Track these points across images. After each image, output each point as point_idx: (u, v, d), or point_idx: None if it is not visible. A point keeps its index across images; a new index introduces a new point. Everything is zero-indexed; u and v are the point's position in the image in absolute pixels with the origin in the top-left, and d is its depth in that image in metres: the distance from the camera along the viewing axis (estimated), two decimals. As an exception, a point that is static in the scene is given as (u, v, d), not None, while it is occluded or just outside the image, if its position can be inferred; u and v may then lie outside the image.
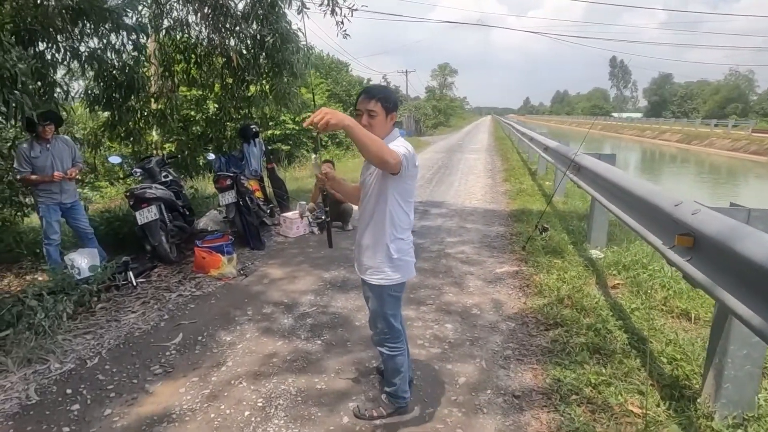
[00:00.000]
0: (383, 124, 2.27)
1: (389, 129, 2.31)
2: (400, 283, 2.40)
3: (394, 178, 2.22)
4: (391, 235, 2.33)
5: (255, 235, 5.87)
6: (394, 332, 2.47)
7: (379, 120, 2.25)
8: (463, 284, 4.57)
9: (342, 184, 2.59)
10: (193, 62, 7.30)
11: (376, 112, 2.23)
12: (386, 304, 2.42)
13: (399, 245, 2.35)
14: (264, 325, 3.73)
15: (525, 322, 3.71)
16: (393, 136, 2.32)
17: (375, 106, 2.23)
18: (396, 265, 2.35)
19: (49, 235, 4.79)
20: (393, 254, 2.32)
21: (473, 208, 8.16)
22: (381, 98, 2.24)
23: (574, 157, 5.51)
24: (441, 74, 70.78)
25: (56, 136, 4.84)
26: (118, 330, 3.67)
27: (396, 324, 2.47)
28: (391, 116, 2.29)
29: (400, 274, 2.37)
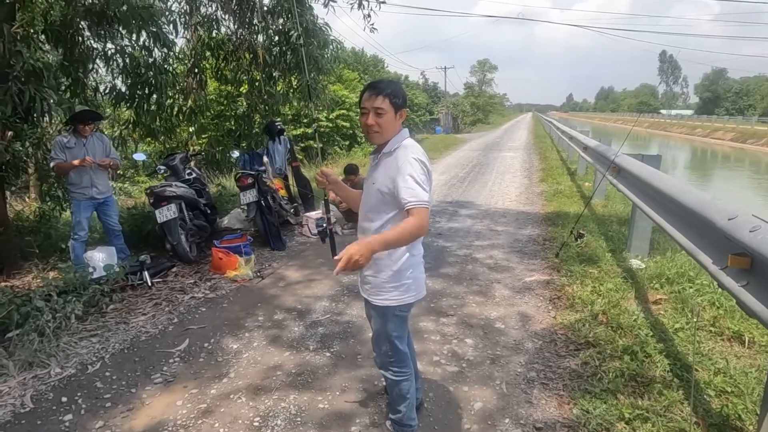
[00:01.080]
0: (392, 123, 2.03)
1: (398, 128, 2.07)
2: (409, 303, 2.14)
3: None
4: (401, 252, 2.06)
5: (276, 235, 5.73)
6: (400, 355, 2.21)
7: (388, 119, 2.01)
8: (488, 294, 4.27)
9: (345, 188, 2.34)
10: (221, 58, 7.25)
11: (384, 109, 1.99)
12: (391, 325, 2.15)
13: (408, 262, 2.08)
14: (273, 333, 3.56)
15: (553, 340, 3.38)
16: (402, 136, 2.07)
17: (383, 103, 1.98)
18: (403, 284, 2.09)
19: (76, 231, 4.80)
20: (400, 272, 2.06)
21: (506, 210, 7.78)
22: (389, 94, 1.99)
23: (614, 158, 5.09)
24: (480, 70, 69.45)
25: (92, 133, 4.88)
26: (126, 333, 3.57)
27: (401, 347, 2.20)
28: (400, 113, 2.04)
29: (407, 294, 2.10)
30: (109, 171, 5.06)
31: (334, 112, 17.67)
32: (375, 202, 2.07)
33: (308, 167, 14.00)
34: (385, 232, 1.88)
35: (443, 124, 38.71)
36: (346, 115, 19.10)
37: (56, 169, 4.79)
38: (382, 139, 2.05)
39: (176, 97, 6.98)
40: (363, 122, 2.05)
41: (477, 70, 69.27)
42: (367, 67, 31.49)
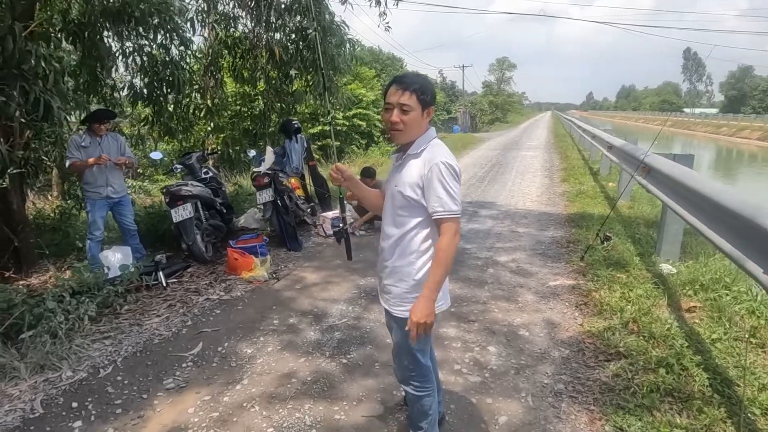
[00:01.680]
0: (419, 122, 1.87)
1: (425, 127, 1.91)
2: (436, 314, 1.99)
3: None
4: (422, 260, 1.93)
5: (292, 235, 5.63)
6: (422, 369, 2.06)
7: (414, 117, 1.85)
8: (511, 298, 4.11)
9: (361, 186, 2.15)
10: (238, 57, 7.19)
11: (411, 106, 1.84)
12: (404, 339, 1.99)
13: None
14: (288, 338, 3.45)
15: (581, 350, 3.21)
16: (428, 136, 1.92)
17: (410, 100, 1.84)
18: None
19: (92, 231, 4.78)
20: (422, 281, 1.91)
21: (527, 211, 7.58)
22: (417, 89, 1.84)
23: (643, 158, 4.87)
24: (499, 69, 68.74)
25: (107, 132, 4.86)
26: (139, 336, 3.50)
27: (423, 360, 2.05)
28: (428, 111, 1.89)
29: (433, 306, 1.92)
30: (124, 170, 5.02)
31: (351, 111, 17.57)
32: (399, 207, 1.93)
33: (325, 166, 13.94)
34: (430, 277, 1.84)
35: (461, 123, 38.38)
36: (363, 114, 19.00)
37: (72, 167, 4.77)
38: (406, 138, 1.91)
39: (193, 95, 6.94)
40: (386, 119, 1.90)
41: (496, 69, 68.63)
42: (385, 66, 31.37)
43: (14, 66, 3.76)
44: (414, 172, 1.87)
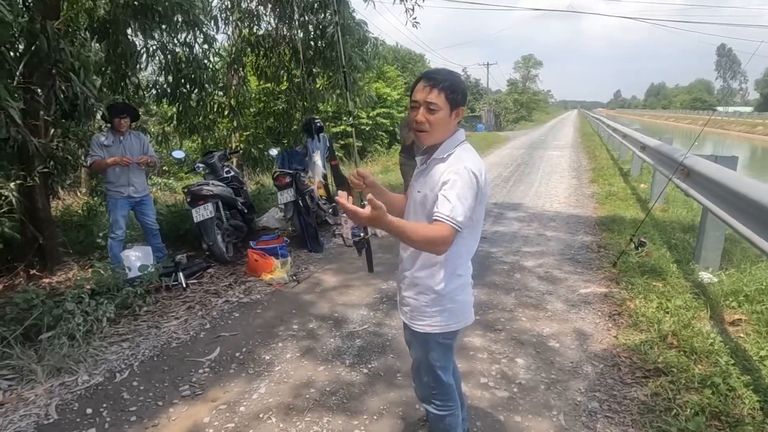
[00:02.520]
0: (445, 123, 1.72)
1: (453, 129, 1.76)
2: (456, 330, 1.87)
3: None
4: (445, 272, 1.78)
5: (313, 236, 5.54)
6: (443, 387, 1.93)
7: (441, 117, 1.70)
8: (539, 306, 3.92)
9: (384, 191, 1.95)
10: (261, 55, 7.14)
11: (439, 105, 1.68)
12: (434, 354, 1.88)
13: (453, 283, 1.80)
14: (307, 345, 3.34)
15: (616, 364, 3.02)
16: (456, 139, 1.77)
17: (438, 98, 1.68)
18: (448, 309, 1.81)
19: (113, 230, 4.76)
20: (445, 295, 1.79)
21: (555, 213, 7.34)
22: (446, 87, 1.68)
23: (682, 160, 4.61)
24: (524, 66, 67.76)
25: (130, 130, 4.83)
26: (157, 339, 3.43)
27: (445, 378, 1.92)
28: (457, 111, 1.73)
29: (452, 320, 1.83)
30: (146, 169, 4.99)
31: (375, 110, 17.45)
32: (420, 213, 1.79)
33: (348, 165, 13.86)
34: (401, 223, 1.61)
35: (485, 122, 37.89)
36: (387, 113, 18.86)
37: (94, 166, 4.76)
38: (432, 140, 1.77)
39: (216, 93, 6.91)
40: (412, 117, 1.76)
41: (521, 66, 67.72)
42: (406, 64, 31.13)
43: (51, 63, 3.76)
44: (438, 177, 1.71)
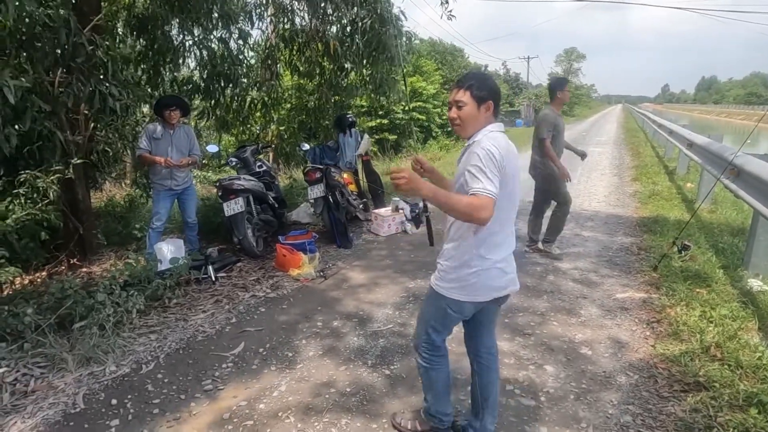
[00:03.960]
0: (473, 116, 1.97)
1: (483, 121, 1.99)
2: (457, 301, 2.04)
3: None
4: (475, 253, 1.99)
5: (342, 232, 5.51)
6: (431, 344, 2.18)
7: (468, 111, 1.97)
8: (573, 311, 3.76)
9: (441, 176, 2.23)
10: (295, 50, 7.14)
11: (465, 102, 1.97)
12: (433, 311, 2.13)
13: (474, 261, 1.98)
14: (329, 343, 3.31)
15: (653, 376, 2.85)
16: (486, 129, 1.98)
17: (464, 96, 1.97)
18: (461, 280, 2.01)
19: (153, 221, 4.87)
20: (461, 267, 2.01)
21: (594, 212, 7.06)
22: (471, 86, 1.96)
23: (732, 159, 4.32)
24: (567, 59, 65.97)
25: (180, 125, 4.90)
26: (183, 332, 3.48)
27: (436, 338, 2.16)
28: (485, 106, 1.97)
29: (461, 292, 2.02)
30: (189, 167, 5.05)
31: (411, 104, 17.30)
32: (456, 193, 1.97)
33: (381, 160, 13.80)
34: (449, 193, 1.86)
35: (524, 117, 37.06)
36: (423, 108, 18.66)
37: (140, 159, 4.89)
38: (464, 132, 2.03)
39: (250, 89, 6.97)
40: (449, 116, 2.07)
41: (563, 59, 65.93)
42: (444, 57, 30.71)
43: (69, 58, 3.84)
44: (466, 159, 1.94)
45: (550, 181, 4.90)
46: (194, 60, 6.16)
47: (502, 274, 2.02)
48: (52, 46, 4.00)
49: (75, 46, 3.81)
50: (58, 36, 3.84)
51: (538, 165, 4.91)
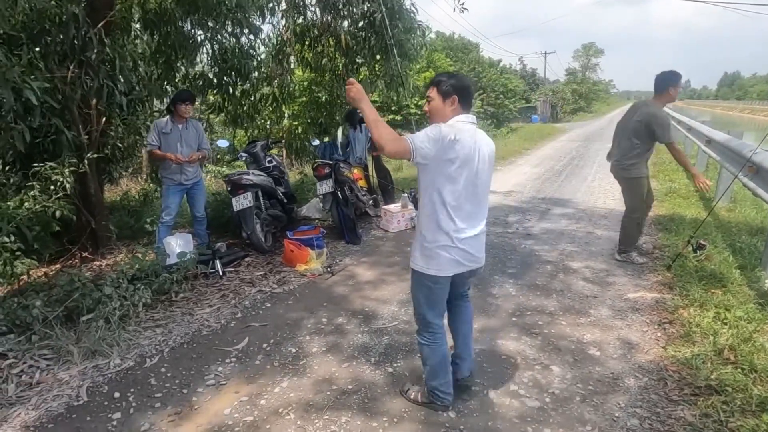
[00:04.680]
0: (441, 110, 2.26)
1: (450, 113, 2.25)
2: (433, 275, 2.29)
3: (421, 166, 2.19)
4: (430, 222, 2.27)
5: (351, 228, 5.48)
6: (425, 323, 2.42)
7: (435, 105, 2.28)
8: (582, 311, 3.69)
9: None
10: (306, 45, 7.12)
11: (432, 97, 2.28)
12: (417, 290, 2.39)
13: (437, 235, 2.25)
14: (333, 339, 3.29)
15: (663, 378, 2.77)
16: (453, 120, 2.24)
17: (431, 92, 2.29)
18: (427, 255, 2.29)
19: (163, 215, 4.90)
20: (427, 241, 2.28)
21: (608, 210, 6.94)
22: (437, 83, 2.28)
23: (751, 156, 4.19)
24: (584, 55, 64.95)
25: (190, 119, 4.91)
26: (189, 326, 3.49)
27: (430, 318, 2.40)
28: (450, 100, 2.24)
29: (431, 266, 2.29)
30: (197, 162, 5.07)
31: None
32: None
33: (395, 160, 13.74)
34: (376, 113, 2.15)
35: (540, 113, 36.58)
36: (437, 103, 18.52)
37: (150, 155, 4.92)
38: (433, 122, 2.27)
39: (261, 83, 6.97)
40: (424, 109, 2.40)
41: (581, 55, 64.98)
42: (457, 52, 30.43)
43: (79, 53, 3.87)
44: None
45: (632, 186, 4.57)
46: (206, 55, 6.17)
47: (461, 252, 2.27)
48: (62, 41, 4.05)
49: (84, 40, 3.83)
50: (67, 30, 3.87)
51: (623, 167, 4.52)
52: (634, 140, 4.36)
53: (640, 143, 4.35)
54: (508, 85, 26.76)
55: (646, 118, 4.29)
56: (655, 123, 4.22)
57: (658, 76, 4.34)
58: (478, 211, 2.30)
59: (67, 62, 4.08)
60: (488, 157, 2.27)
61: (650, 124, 4.24)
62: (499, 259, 4.86)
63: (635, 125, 4.36)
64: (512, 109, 26.02)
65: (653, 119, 4.22)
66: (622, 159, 4.49)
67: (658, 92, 4.33)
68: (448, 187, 2.17)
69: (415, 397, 2.57)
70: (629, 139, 4.39)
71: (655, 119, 4.21)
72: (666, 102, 4.36)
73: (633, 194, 4.61)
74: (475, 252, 2.32)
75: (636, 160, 4.40)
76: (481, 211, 2.33)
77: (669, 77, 4.29)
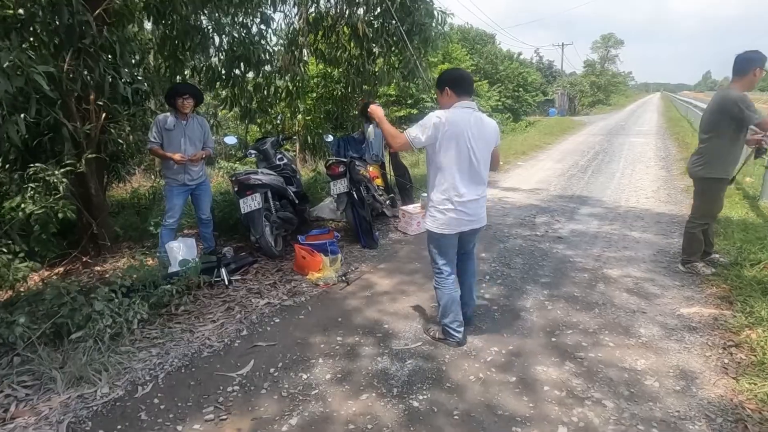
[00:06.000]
0: (442, 100, 2.86)
1: (448, 101, 2.82)
2: (431, 231, 2.92)
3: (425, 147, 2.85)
4: (433, 187, 2.89)
5: (367, 231, 5.09)
6: (437, 269, 3.00)
7: (439, 98, 2.91)
8: (630, 329, 3.25)
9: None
10: (320, 35, 6.72)
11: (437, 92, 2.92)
12: (430, 243, 3.00)
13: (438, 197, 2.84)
14: (348, 364, 2.90)
15: (741, 420, 2.33)
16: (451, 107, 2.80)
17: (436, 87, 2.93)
18: (432, 215, 2.89)
19: (166, 217, 4.56)
20: (432, 203, 2.89)
21: (643, 210, 6.45)
22: (436, 81, 2.93)
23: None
24: (603, 46, 63.43)
25: (194, 115, 4.57)
26: (188, 345, 3.12)
27: (439, 263, 2.97)
28: (444, 92, 2.83)
29: (435, 225, 2.88)
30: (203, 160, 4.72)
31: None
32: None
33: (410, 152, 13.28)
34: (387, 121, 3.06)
35: (558, 106, 35.78)
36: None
37: (151, 153, 4.58)
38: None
39: (274, 76, 6.59)
40: None
41: (599, 46, 63.51)
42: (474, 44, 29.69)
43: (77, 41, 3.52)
44: None
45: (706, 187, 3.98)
46: (213, 46, 5.80)
47: (460, 213, 2.83)
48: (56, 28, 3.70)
49: (81, 27, 3.48)
50: (60, 15, 3.52)
51: (699, 164, 3.93)
52: (713, 133, 3.81)
53: (720, 136, 3.78)
54: (528, 77, 26.04)
55: (725, 105, 3.71)
56: (740, 104, 3.59)
57: (739, 56, 3.70)
58: (475, 178, 2.83)
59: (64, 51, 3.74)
60: (486, 135, 2.81)
61: (731, 110, 3.65)
62: (530, 266, 4.43)
63: (714, 117, 3.82)
64: (531, 103, 25.34)
65: (734, 104, 3.62)
66: (699, 155, 3.94)
67: (739, 75, 3.72)
68: (444, 160, 2.76)
69: (434, 334, 3.12)
70: (709, 132, 3.84)
71: (740, 101, 3.60)
72: (748, 87, 3.72)
73: (706, 197, 4.02)
74: (475, 214, 2.88)
75: (714, 158, 3.83)
76: (478, 179, 2.85)
77: (753, 57, 3.66)
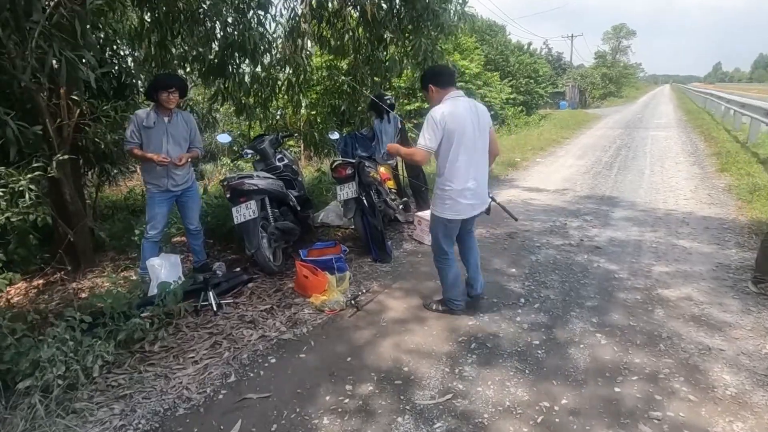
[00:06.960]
0: (430, 98, 3.12)
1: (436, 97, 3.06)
2: (441, 217, 3.13)
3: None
4: (439, 180, 3.11)
5: (379, 242, 4.46)
6: (441, 251, 3.24)
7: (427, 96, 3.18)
8: (709, 375, 2.61)
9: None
10: (325, 21, 6.07)
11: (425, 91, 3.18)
12: (435, 227, 3.22)
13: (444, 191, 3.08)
14: (361, 427, 2.27)
15: None
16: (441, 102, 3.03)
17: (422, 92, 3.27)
18: (439, 204, 3.14)
19: (148, 229, 3.95)
20: (438, 195, 3.14)
21: (685, 213, 5.77)
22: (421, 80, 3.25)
23: None
24: (615, 37, 62.13)
25: (178, 110, 3.95)
26: (160, 399, 2.51)
27: (443, 245, 3.21)
28: (429, 89, 3.10)
29: (440, 210, 3.13)
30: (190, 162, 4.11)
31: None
32: None
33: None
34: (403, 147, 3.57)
35: (569, 98, 34.87)
36: (465, 89, 17.28)
37: (129, 154, 3.96)
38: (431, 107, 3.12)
39: (273, 66, 5.96)
40: None
41: (610, 37, 62.22)
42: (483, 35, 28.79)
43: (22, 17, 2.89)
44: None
45: None
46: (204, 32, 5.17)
47: (464, 199, 3.05)
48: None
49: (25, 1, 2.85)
50: None
51: None
52: None
53: None
54: (540, 69, 25.23)
55: None
56: None
57: None
58: (481, 162, 3.10)
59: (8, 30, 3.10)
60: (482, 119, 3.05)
61: None
62: (570, 286, 3.79)
63: None
64: (543, 95, 24.54)
65: None
66: None
67: None
68: (452, 147, 2.96)
69: (436, 308, 3.36)
70: None
71: None
72: None
73: None
74: (481, 197, 3.14)
75: None
76: (483, 162, 3.12)
77: None
